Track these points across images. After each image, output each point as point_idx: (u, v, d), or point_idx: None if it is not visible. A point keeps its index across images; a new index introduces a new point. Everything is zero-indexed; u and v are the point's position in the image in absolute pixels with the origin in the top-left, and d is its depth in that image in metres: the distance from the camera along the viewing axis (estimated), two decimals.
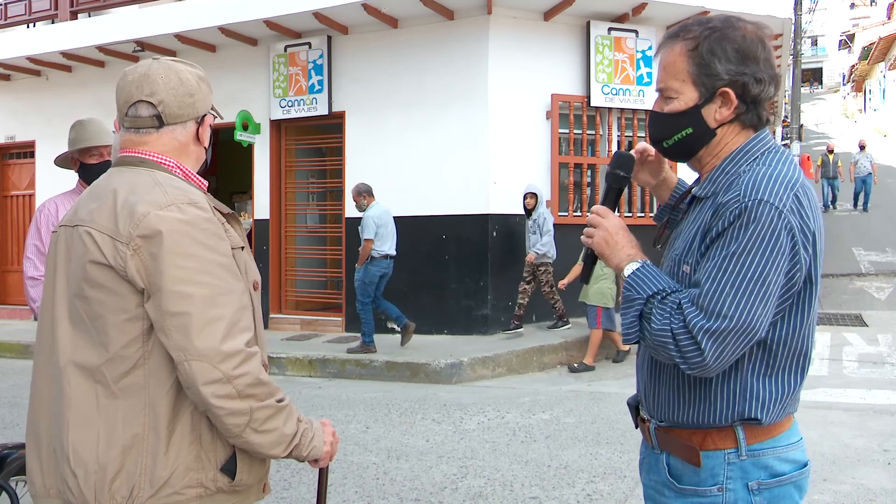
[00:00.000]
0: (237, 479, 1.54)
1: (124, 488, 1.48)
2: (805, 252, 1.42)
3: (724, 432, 1.50)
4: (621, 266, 1.54)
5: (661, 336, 1.42)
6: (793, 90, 20.41)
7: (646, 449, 1.68)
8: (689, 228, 1.53)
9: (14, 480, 2.69)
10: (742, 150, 1.52)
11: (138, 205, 1.48)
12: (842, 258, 12.88)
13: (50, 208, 3.44)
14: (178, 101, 1.60)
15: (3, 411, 6.01)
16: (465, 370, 6.81)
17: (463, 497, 3.92)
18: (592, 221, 1.60)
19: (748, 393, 1.47)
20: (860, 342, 7.76)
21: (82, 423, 1.50)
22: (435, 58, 8.36)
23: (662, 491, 1.59)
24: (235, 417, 1.46)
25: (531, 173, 8.31)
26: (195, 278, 1.44)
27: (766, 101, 1.53)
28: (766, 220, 1.37)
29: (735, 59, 1.47)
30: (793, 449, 1.53)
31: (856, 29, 43.56)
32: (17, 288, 11.19)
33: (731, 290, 1.37)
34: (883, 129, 32.16)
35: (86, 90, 10.15)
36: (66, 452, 1.50)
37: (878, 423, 5.07)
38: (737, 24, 1.50)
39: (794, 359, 1.49)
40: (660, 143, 1.61)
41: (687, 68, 1.50)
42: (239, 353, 1.45)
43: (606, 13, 8.46)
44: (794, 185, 1.42)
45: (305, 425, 1.58)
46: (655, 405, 1.60)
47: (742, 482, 1.49)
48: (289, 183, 9.54)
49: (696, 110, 1.51)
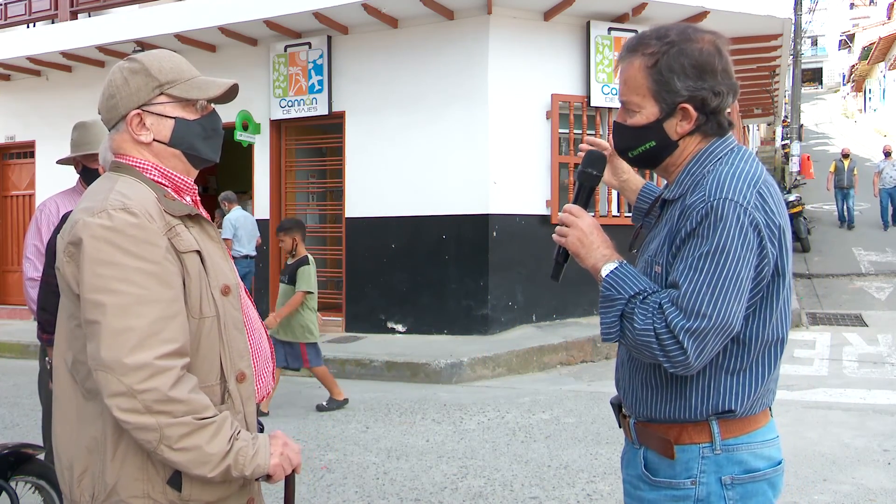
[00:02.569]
0: (185, 493, 1.49)
1: (89, 489, 1.50)
2: (772, 246, 1.46)
3: (700, 426, 1.53)
4: (598, 266, 1.55)
5: (645, 336, 1.44)
6: (793, 90, 20.39)
7: (627, 444, 1.71)
8: (661, 231, 1.56)
9: (14, 480, 2.69)
10: (706, 151, 1.56)
11: (76, 212, 1.50)
12: (842, 258, 12.88)
13: (50, 208, 3.44)
14: (105, 107, 1.62)
15: (3, 411, 6.00)
16: (465, 370, 6.81)
17: (463, 497, 3.92)
18: (565, 221, 1.62)
19: (722, 387, 1.51)
20: (860, 342, 7.76)
21: (63, 419, 1.55)
22: (435, 58, 8.35)
23: (638, 484, 1.62)
24: (144, 433, 1.40)
25: (531, 173, 8.32)
26: (111, 286, 1.41)
27: (726, 109, 1.56)
28: (732, 218, 1.41)
29: (693, 75, 1.50)
30: (768, 446, 1.56)
31: (856, 29, 43.55)
32: (18, 288, 11.19)
33: (707, 290, 1.40)
34: (883, 129, 32.13)
35: (86, 90, 10.14)
36: (54, 447, 1.56)
37: (878, 423, 5.07)
38: (693, 37, 1.52)
39: (766, 350, 1.53)
40: (625, 154, 1.65)
41: (647, 84, 1.53)
42: (146, 367, 1.38)
43: (606, 13, 8.46)
44: (757, 183, 1.46)
45: (243, 443, 1.49)
46: (633, 401, 1.62)
47: (716, 476, 1.51)
48: (289, 183, 9.54)
49: (658, 124, 1.55)
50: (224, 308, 1.57)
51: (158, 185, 1.60)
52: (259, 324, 1.75)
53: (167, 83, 1.61)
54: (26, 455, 2.74)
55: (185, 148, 1.65)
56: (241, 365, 1.60)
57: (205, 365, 1.54)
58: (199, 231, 1.60)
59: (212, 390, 1.54)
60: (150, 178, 1.59)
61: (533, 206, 8.33)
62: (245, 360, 1.61)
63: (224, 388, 1.57)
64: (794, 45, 17.80)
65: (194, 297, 1.52)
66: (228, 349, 1.58)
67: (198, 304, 1.52)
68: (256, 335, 1.71)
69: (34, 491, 2.81)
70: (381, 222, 8.61)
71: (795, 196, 14.63)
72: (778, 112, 19.50)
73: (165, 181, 1.62)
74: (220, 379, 1.56)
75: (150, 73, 1.60)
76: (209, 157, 1.70)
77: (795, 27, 17.46)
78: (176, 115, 1.62)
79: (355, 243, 8.78)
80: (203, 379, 1.52)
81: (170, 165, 1.64)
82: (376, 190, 8.65)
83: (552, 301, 8.29)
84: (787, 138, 22.92)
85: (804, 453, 4.45)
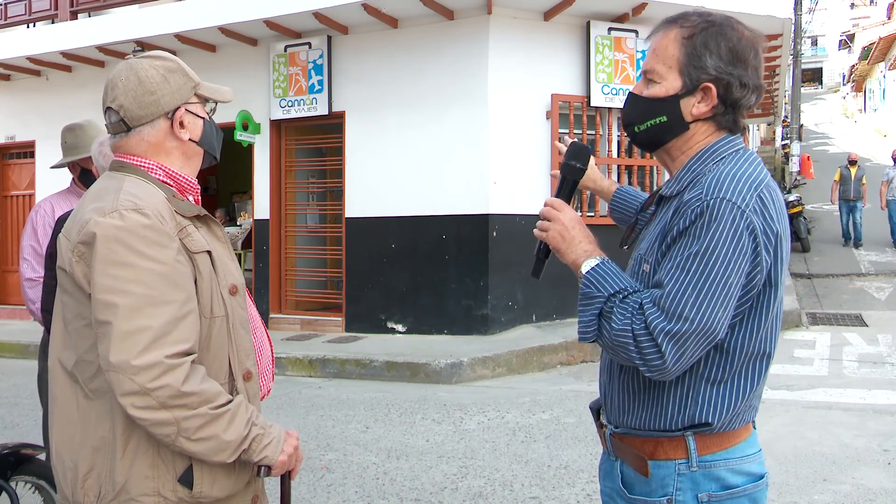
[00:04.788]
0: (196, 490, 1.50)
1: (94, 489, 1.50)
2: (767, 254, 1.39)
3: (676, 442, 1.46)
4: (578, 262, 1.50)
5: (622, 336, 1.38)
6: (793, 90, 20.39)
7: (604, 454, 1.66)
8: (655, 228, 1.51)
9: (14, 480, 2.69)
10: (710, 148, 1.50)
11: (86, 212, 1.49)
12: (842, 258, 12.88)
13: (45, 208, 3.41)
14: (137, 103, 1.57)
15: (3, 411, 6.00)
16: (465, 370, 6.81)
17: (463, 497, 3.92)
18: (547, 215, 1.56)
19: (700, 397, 1.44)
20: (860, 342, 7.76)
21: (63, 420, 1.54)
22: (435, 58, 8.35)
23: (615, 498, 1.58)
24: (162, 428, 1.42)
25: (531, 173, 8.32)
26: (123, 287, 1.41)
27: (746, 108, 1.51)
28: (728, 220, 1.35)
29: (726, 58, 1.45)
30: (748, 461, 1.49)
31: (856, 29, 43.55)
32: (17, 288, 11.18)
33: (692, 292, 1.34)
34: (883, 129, 32.15)
35: (86, 90, 10.14)
36: (53, 448, 1.55)
37: (878, 423, 5.07)
38: (736, 26, 1.49)
39: (750, 362, 1.46)
40: (631, 127, 1.57)
41: (677, 55, 1.48)
42: (157, 366, 1.39)
43: (606, 13, 8.46)
44: (759, 186, 1.40)
45: (259, 430, 1.52)
46: (611, 407, 1.58)
47: (692, 493, 1.45)
48: (289, 183, 9.53)
49: (675, 99, 1.49)
50: (232, 307, 1.59)
51: (165, 185, 1.60)
52: (260, 322, 1.77)
53: (197, 84, 1.65)
54: (26, 455, 2.74)
55: (208, 147, 1.69)
56: (248, 364, 1.62)
57: (214, 364, 1.55)
58: (207, 231, 1.62)
59: None
60: (156, 178, 1.60)
61: (533, 206, 8.31)
62: (251, 358, 1.63)
63: (232, 386, 1.59)
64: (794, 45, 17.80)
65: (205, 297, 1.53)
66: (236, 348, 1.59)
67: (209, 303, 1.54)
68: (259, 334, 1.74)
69: (34, 491, 2.81)
70: (381, 222, 8.61)
71: (795, 196, 14.62)
72: (778, 112, 19.47)
73: (171, 181, 1.63)
74: (228, 378, 1.58)
75: (186, 72, 1.63)
76: (218, 156, 1.75)
77: (795, 27, 17.46)
78: (203, 115, 1.67)
79: (355, 243, 8.78)
80: (212, 378, 1.53)
81: (183, 164, 1.65)
82: (376, 190, 8.65)
83: (552, 301, 8.29)
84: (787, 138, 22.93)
85: (804, 453, 4.45)
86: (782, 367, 6.73)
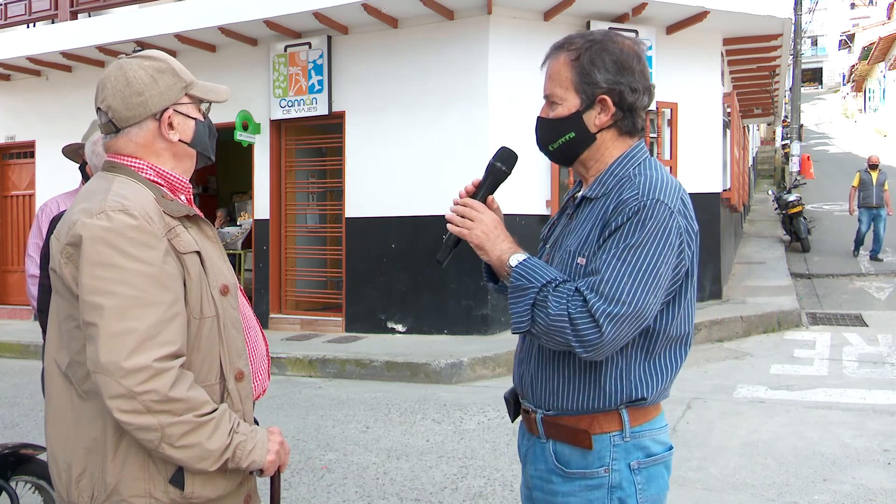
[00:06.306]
0: (188, 491, 1.50)
1: (87, 489, 1.50)
2: (689, 249, 1.57)
3: (610, 416, 1.60)
4: (503, 258, 1.63)
5: (558, 321, 1.49)
6: (793, 90, 20.40)
7: (528, 440, 1.75)
8: (583, 225, 1.62)
9: (14, 480, 2.69)
10: (627, 155, 1.65)
11: (74, 213, 1.49)
12: (842, 258, 12.88)
13: (52, 207, 3.49)
14: (125, 104, 1.57)
15: (2, 411, 6.00)
16: (465, 370, 6.81)
17: (463, 497, 3.92)
18: (469, 216, 1.70)
19: (634, 374, 1.58)
20: (860, 342, 7.76)
21: (58, 420, 1.54)
22: (435, 58, 8.35)
23: (550, 478, 1.65)
24: (146, 433, 1.41)
25: (531, 173, 8.31)
26: (109, 289, 1.40)
27: (641, 109, 1.65)
28: (661, 218, 1.51)
29: (613, 70, 1.60)
30: (663, 432, 1.67)
31: (856, 29, 43.57)
32: (17, 288, 11.18)
33: (628, 279, 1.48)
34: (883, 129, 32.16)
35: (86, 90, 10.12)
36: (49, 448, 1.55)
37: (878, 423, 5.07)
38: (615, 38, 1.64)
39: (671, 343, 1.62)
40: (546, 147, 1.73)
41: (570, 76, 1.62)
42: (145, 370, 1.39)
43: (606, 13, 8.45)
44: (680, 190, 1.59)
45: (242, 437, 1.51)
46: (543, 395, 1.67)
47: (625, 462, 1.59)
48: (289, 183, 9.53)
49: (578, 115, 1.63)
50: (223, 308, 1.58)
51: (155, 185, 1.59)
52: (255, 322, 1.76)
53: (189, 84, 1.63)
54: (26, 455, 2.74)
55: (201, 148, 1.68)
56: (240, 364, 1.61)
57: (205, 364, 1.54)
58: (197, 231, 1.61)
59: (211, 389, 1.54)
60: (147, 177, 1.59)
61: (533, 206, 8.32)
62: (243, 358, 1.62)
63: (223, 387, 1.58)
64: (794, 45, 17.81)
65: (195, 297, 1.52)
66: (227, 348, 1.58)
67: (198, 304, 1.53)
68: (252, 334, 1.73)
69: (34, 491, 2.81)
70: (381, 222, 8.61)
71: (795, 196, 14.61)
72: (778, 112, 19.46)
73: (161, 181, 1.62)
74: (219, 378, 1.57)
75: (176, 73, 1.62)
76: (212, 157, 1.73)
77: (795, 27, 17.47)
78: (195, 115, 1.65)
79: (355, 243, 8.78)
80: (203, 378, 1.53)
81: (175, 165, 1.64)
82: (376, 190, 8.64)
83: None
84: (787, 138, 22.92)
85: (804, 453, 4.45)
86: (782, 367, 6.74)
